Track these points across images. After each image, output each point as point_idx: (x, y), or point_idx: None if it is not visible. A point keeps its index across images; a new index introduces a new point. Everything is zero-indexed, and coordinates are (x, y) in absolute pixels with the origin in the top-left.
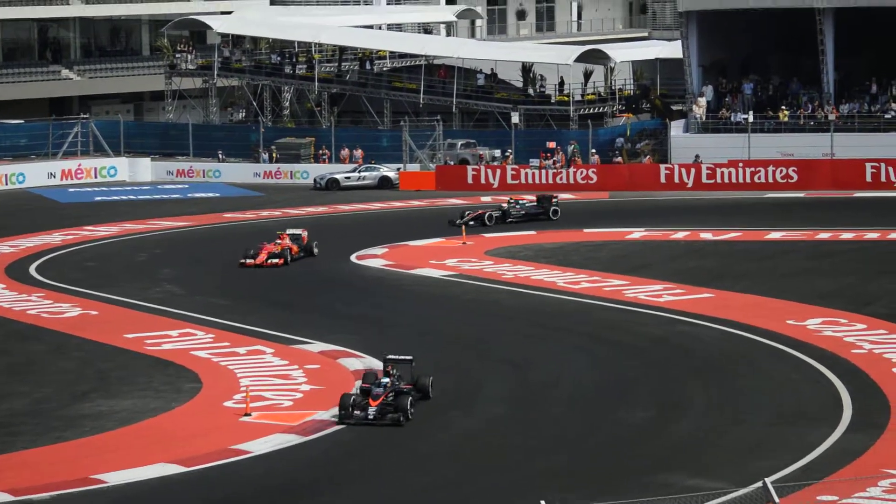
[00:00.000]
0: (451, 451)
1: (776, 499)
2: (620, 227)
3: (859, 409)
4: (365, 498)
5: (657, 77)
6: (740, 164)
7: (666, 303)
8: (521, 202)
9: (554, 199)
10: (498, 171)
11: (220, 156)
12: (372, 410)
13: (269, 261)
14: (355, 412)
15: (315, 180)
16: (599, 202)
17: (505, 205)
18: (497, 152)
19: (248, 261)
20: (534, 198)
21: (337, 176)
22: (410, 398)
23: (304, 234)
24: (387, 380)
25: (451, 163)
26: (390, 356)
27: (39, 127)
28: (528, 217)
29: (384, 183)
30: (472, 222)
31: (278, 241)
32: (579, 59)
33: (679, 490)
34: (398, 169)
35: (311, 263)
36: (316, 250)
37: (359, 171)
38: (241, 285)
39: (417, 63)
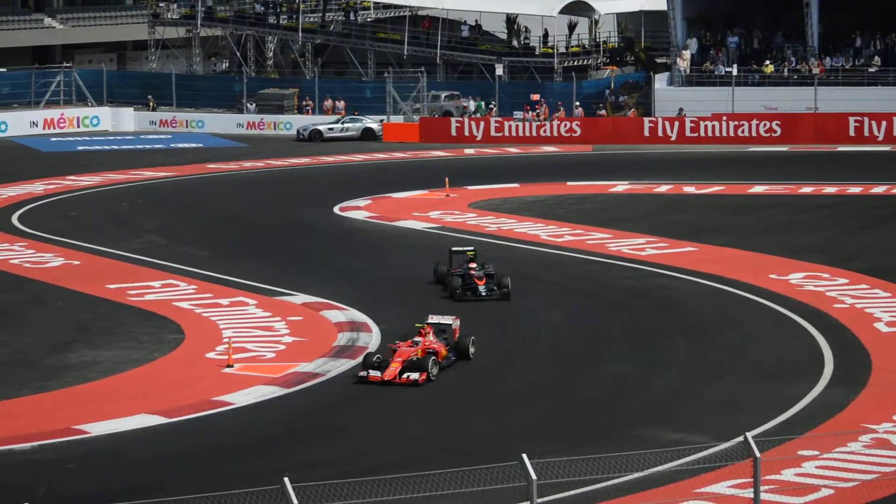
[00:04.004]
0: (431, 404)
1: (757, 453)
2: (604, 180)
3: (840, 364)
4: (345, 450)
5: (641, 29)
6: (724, 118)
7: (648, 256)
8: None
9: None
10: (482, 124)
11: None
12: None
13: (406, 376)
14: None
15: (298, 131)
16: (583, 155)
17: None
18: (481, 104)
19: (373, 373)
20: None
21: (320, 127)
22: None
23: (456, 324)
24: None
25: (435, 114)
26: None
27: (22, 75)
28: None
29: (367, 134)
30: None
31: (417, 340)
32: (564, 10)
33: (662, 444)
34: (381, 120)
35: (293, 214)
36: (472, 349)
37: (342, 123)
38: (224, 236)
39: (402, 14)
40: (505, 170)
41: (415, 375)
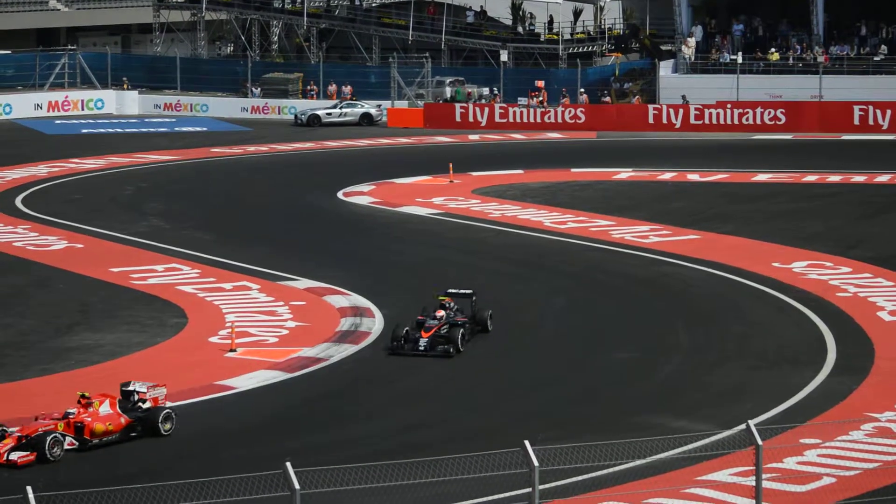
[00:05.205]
0: (433, 391)
1: (759, 441)
2: (608, 167)
3: (843, 352)
4: (347, 435)
5: (647, 16)
6: (728, 105)
7: (652, 244)
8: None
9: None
10: (486, 110)
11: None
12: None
13: (13, 457)
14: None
15: (296, 116)
16: (587, 142)
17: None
18: (485, 90)
19: None
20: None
21: (318, 112)
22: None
23: (155, 393)
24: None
25: (440, 100)
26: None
27: (26, 58)
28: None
29: (366, 119)
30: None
31: (70, 412)
32: None
33: (664, 431)
34: (379, 105)
35: (296, 199)
36: (168, 426)
37: (340, 108)
38: (227, 220)
39: None
40: (509, 156)
41: (15, 455)
